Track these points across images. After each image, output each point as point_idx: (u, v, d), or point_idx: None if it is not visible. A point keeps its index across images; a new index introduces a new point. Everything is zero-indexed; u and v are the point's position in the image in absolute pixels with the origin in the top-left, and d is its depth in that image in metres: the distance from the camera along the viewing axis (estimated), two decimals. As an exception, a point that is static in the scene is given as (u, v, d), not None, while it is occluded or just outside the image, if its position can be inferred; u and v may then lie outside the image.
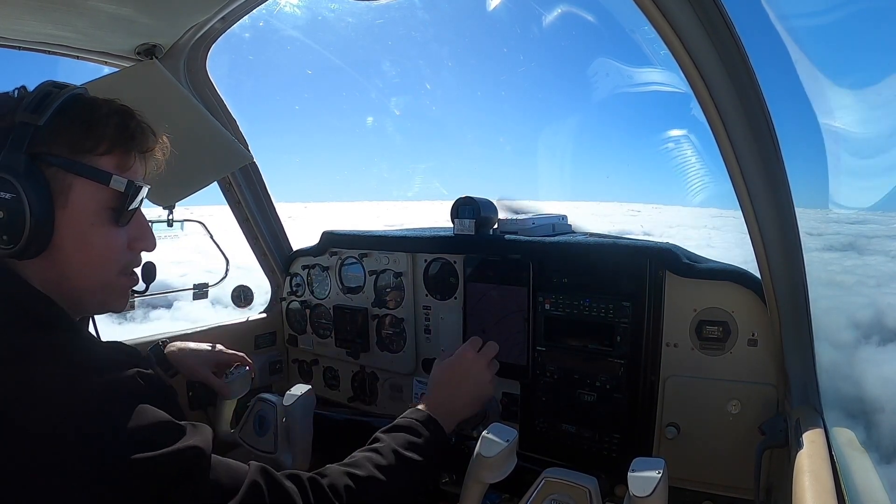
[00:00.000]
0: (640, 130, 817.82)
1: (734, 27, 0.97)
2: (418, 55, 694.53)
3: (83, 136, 0.89)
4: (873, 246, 26.16)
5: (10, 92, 0.90)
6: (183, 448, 0.79)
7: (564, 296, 1.71)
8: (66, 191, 0.87)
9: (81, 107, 0.90)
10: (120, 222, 0.94)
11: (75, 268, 0.91)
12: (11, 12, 1.42)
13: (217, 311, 3.08)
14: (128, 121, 0.94)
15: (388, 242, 2.14)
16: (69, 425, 0.72)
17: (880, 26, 29.94)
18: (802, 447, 1.09)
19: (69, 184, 0.87)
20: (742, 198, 1.14)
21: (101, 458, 0.72)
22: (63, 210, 0.87)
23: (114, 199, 0.92)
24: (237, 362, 1.59)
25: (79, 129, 0.89)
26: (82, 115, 0.89)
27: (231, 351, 1.60)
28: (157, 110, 1.00)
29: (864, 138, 1.85)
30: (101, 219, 0.91)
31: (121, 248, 0.96)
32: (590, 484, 1.13)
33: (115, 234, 0.94)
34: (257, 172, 2.33)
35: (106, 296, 0.98)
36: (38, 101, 0.85)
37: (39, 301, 0.87)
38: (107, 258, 0.94)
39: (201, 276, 2.38)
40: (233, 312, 2.49)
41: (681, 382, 1.56)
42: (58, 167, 0.86)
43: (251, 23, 1.82)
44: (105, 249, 0.93)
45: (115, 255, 0.95)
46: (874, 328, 10.62)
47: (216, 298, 2.43)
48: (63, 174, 0.87)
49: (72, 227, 0.88)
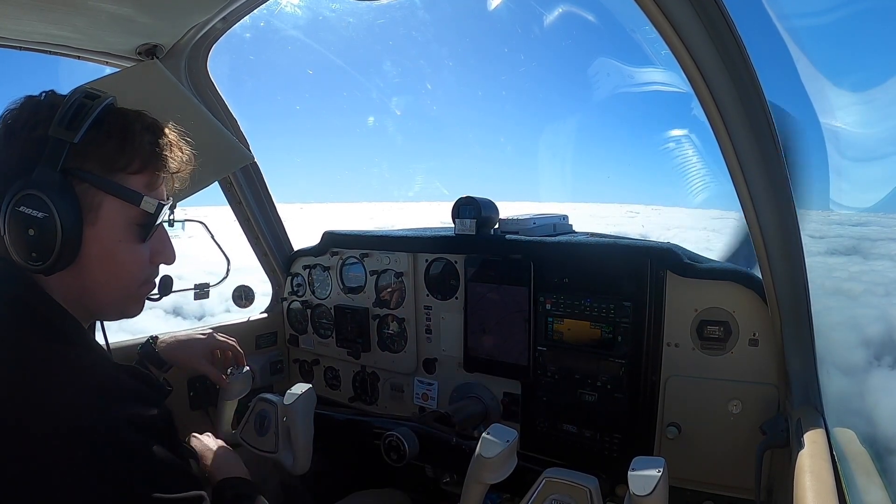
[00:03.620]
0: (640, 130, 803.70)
1: (735, 27, 0.97)
2: (419, 55, 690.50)
3: (117, 153, 0.88)
4: (878, 249, 25.79)
5: (37, 96, 0.88)
6: (193, 497, 0.81)
7: (565, 296, 1.71)
8: (95, 208, 0.87)
9: (115, 122, 0.89)
10: (145, 239, 0.94)
11: (99, 282, 0.91)
12: (12, 12, 1.42)
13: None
14: (160, 138, 0.94)
15: (389, 242, 2.14)
16: (79, 441, 0.73)
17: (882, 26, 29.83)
18: (803, 447, 1.09)
19: (99, 201, 0.87)
20: (743, 197, 1.14)
21: (105, 482, 0.73)
22: (92, 227, 0.87)
23: (141, 217, 0.92)
24: (231, 347, 1.57)
25: (113, 145, 0.88)
26: (116, 131, 0.89)
27: (223, 338, 1.58)
28: (158, 110, 1.00)
29: (864, 138, 1.85)
30: (128, 235, 0.92)
31: (144, 262, 0.97)
32: (590, 484, 1.13)
33: (139, 250, 0.95)
34: (258, 172, 2.33)
35: (125, 306, 0.99)
36: (72, 114, 0.84)
37: (58, 313, 0.88)
38: (131, 273, 0.95)
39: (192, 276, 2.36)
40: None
41: (682, 382, 1.56)
42: (89, 184, 0.86)
43: (252, 23, 1.82)
44: (130, 265, 0.94)
45: (138, 270, 0.96)
46: (886, 347, 10.08)
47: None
48: (94, 191, 0.87)
49: (99, 244, 0.89)
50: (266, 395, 1.60)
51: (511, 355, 1.84)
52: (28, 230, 0.82)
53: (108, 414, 0.77)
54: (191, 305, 14.75)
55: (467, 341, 1.94)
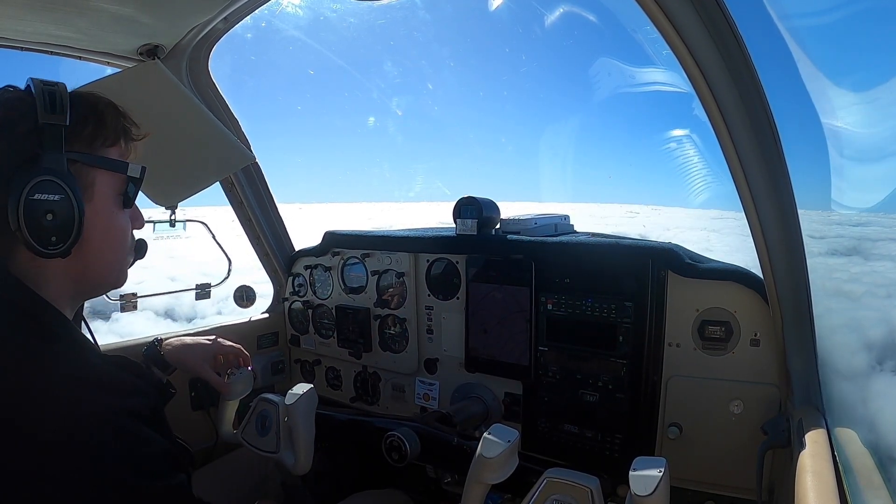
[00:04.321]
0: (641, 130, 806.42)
1: (736, 27, 0.97)
2: (420, 55, 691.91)
3: (96, 130, 0.94)
4: (878, 250, 25.57)
5: (5, 88, 0.90)
6: (177, 484, 0.83)
7: (566, 296, 1.71)
8: (90, 185, 0.92)
9: (85, 103, 0.94)
10: (130, 205, 1.00)
11: (99, 256, 0.96)
12: (14, 12, 1.42)
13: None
14: (119, 112, 1.00)
15: (391, 243, 2.14)
16: (75, 438, 0.74)
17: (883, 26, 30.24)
18: (805, 447, 1.09)
19: (92, 178, 0.92)
20: (744, 197, 1.14)
21: (102, 477, 0.74)
22: (90, 203, 0.91)
23: (124, 184, 0.98)
24: (236, 353, 1.58)
25: (92, 124, 0.93)
26: (89, 111, 0.94)
27: (229, 343, 1.58)
28: (159, 111, 1.01)
29: (865, 138, 1.85)
30: (117, 206, 0.98)
31: (130, 229, 1.03)
32: (592, 484, 1.13)
33: (125, 218, 1.01)
34: (259, 172, 2.33)
35: (118, 276, 1.04)
36: (51, 100, 0.87)
37: (46, 311, 0.89)
38: (124, 242, 1.01)
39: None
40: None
41: (683, 382, 1.56)
42: (81, 163, 0.90)
43: (253, 23, 1.83)
44: (123, 234, 1.00)
45: (127, 236, 1.02)
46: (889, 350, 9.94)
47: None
48: (87, 169, 0.91)
49: (98, 219, 0.93)
50: (267, 395, 1.60)
51: (512, 355, 1.84)
52: (46, 216, 0.84)
53: (101, 406, 0.79)
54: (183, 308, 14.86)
55: (468, 341, 1.94)
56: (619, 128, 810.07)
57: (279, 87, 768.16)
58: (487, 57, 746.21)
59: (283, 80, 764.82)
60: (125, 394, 0.85)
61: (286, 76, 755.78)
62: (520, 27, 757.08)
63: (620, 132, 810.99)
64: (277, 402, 1.55)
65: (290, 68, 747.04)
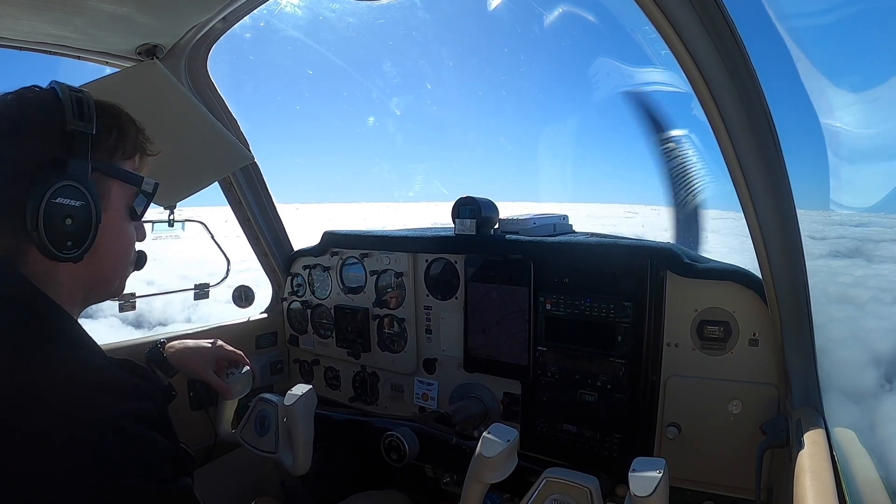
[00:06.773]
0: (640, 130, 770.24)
1: (735, 27, 0.97)
2: (419, 55, 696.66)
3: (117, 141, 0.96)
4: (881, 251, 25.16)
5: (29, 90, 0.90)
6: (182, 488, 0.83)
7: (565, 296, 1.71)
8: (106, 194, 0.94)
9: (109, 114, 0.96)
10: (136, 218, 1.02)
11: (107, 265, 0.98)
12: (12, 12, 1.42)
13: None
14: (138, 127, 1.02)
15: (389, 242, 2.14)
16: (77, 440, 0.73)
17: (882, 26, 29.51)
18: (804, 447, 1.09)
19: (109, 187, 0.95)
20: (743, 197, 1.14)
21: (103, 480, 0.74)
22: (105, 213, 0.93)
23: (135, 197, 1.00)
24: (236, 359, 1.59)
25: (115, 136, 0.96)
26: (113, 122, 0.96)
27: (231, 348, 1.60)
28: (158, 110, 1.01)
29: (864, 138, 1.85)
30: (127, 217, 1.00)
31: (135, 240, 1.05)
32: (591, 484, 1.13)
33: (132, 230, 1.03)
34: (258, 172, 2.33)
35: (120, 285, 1.05)
36: (79, 107, 0.88)
37: (56, 313, 0.89)
38: (129, 252, 1.04)
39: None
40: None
41: (682, 382, 1.56)
42: (101, 172, 0.92)
43: (252, 23, 1.83)
44: (130, 244, 1.03)
45: (133, 248, 1.05)
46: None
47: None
48: (105, 179, 0.94)
49: (110, 229, 0.95)
50: (266, 395, 1.60)
51: (511, 355, 1.84)
52: (66, 220, 0.85)
53: (108, 409, 0.79)
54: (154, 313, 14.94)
55: (467, 341, 1.94)
56: (617, 128, 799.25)
57: (278, 86, 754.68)
58: (486, 57, 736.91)
59: (281, 79, 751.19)
60: (132, 397, 0.85)
61: (285, 76, 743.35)
62: (519, 27, 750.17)
63: (619, 132, 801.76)
64: (276, 403, 1.55)
65: (289, 68, 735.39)
